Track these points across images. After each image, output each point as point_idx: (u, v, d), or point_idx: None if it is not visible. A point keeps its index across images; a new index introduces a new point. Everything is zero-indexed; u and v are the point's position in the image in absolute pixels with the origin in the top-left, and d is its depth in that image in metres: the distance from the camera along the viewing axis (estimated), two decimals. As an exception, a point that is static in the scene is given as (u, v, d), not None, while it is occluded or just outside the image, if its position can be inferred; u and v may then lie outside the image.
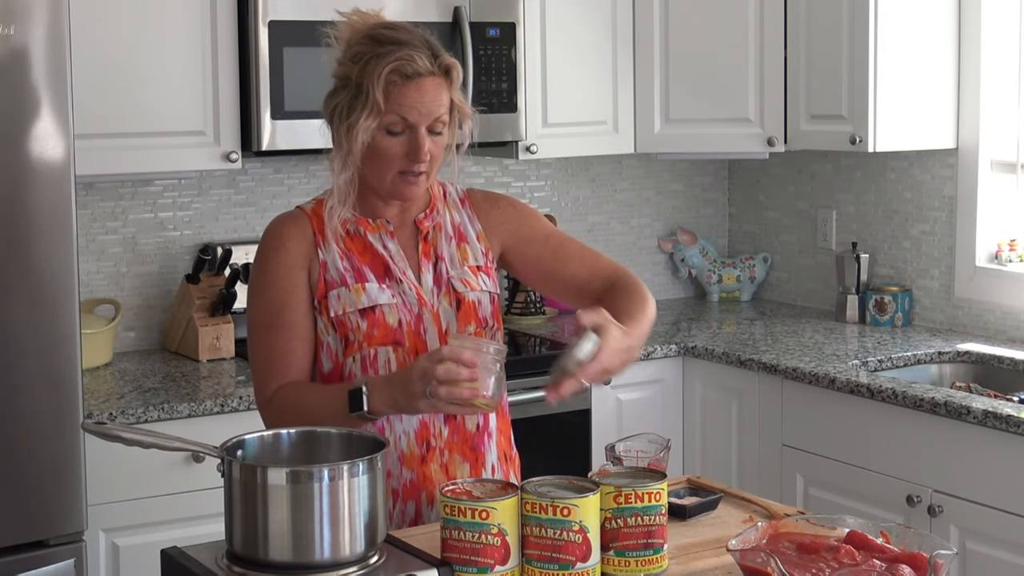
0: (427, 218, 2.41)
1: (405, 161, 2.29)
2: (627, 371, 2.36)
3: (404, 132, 2.28)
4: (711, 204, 4.90)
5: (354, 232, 2.36)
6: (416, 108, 2.27)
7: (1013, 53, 3.94)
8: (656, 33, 4.22)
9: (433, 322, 2.34)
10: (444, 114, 2.31)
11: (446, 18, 3.80)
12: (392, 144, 2.28)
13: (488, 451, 2.39)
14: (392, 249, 2.36)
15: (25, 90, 2.89)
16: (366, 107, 2.27)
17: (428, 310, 2.34)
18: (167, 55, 3.54)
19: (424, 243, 2.39)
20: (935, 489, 3.31)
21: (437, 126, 2.30)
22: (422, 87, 2.28)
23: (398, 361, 2.31)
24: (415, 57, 2.27)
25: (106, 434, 2.00)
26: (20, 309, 2.92)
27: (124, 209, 3.89)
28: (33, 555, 2.97)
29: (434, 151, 2.31)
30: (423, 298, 2.34)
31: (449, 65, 2.32)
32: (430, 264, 2.37)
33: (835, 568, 1.76)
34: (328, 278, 2.32)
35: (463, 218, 2.45)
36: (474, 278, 2.39)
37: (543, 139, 4.09)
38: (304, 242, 2.34)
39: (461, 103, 2.35)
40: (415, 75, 2.27)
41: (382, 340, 2.30)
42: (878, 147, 3.91)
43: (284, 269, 2.33)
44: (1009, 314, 3.93)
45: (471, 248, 2.42)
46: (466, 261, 2.40)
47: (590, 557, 1.90)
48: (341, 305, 2.30)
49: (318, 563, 1.88)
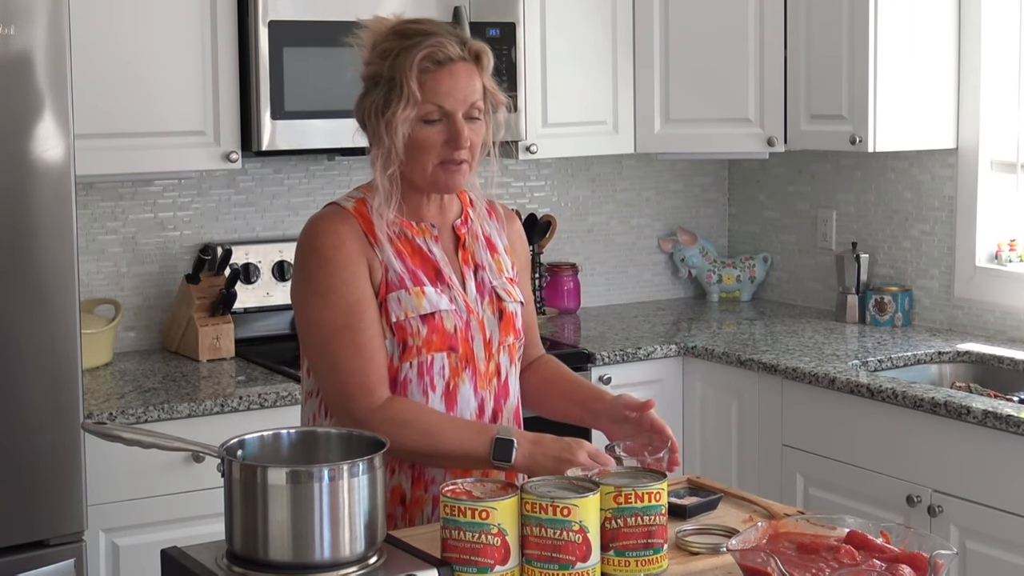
0: (463, 225, 2.40)
1: (445, 150, 2.27)
2: (627, 371, 2.38)
3: (441, 120, 2.27)
4: (711, 204, 4.90)
5: (401, 234, 2.33)
6: (451, 95, 2.26)
7: (1013, 53, 3.94)
8: (656, 33, 4.22)
9: (479, 330, 2.33)
10: (479, 100, 2.29)
11: (446, 18, 3.79)
12: (431, 134, 2.26)
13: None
14: (437, 254, 2.34)
15: (25, 90, 2.90)
16: (402, 98, 2.24)
17: (475, 318, 2.33)
18: (167, 55, 3.54)
19: (463, 250, 2.38)
20: (935, 489, 3.31)
21: (473, 112, 2.29)
22: (455, 73, 2.26)
23: (451, 367, 2.30)
24: (445, 44, 2.26)
25: (106, 434, 2.00)
26: (20, 309, 2.92)
27: (124, 209, 3.89)
28: (33, 555, 2.97)
29: (473, 138, 2.29)
30: (470, 305, 2.34)
31: (479, 50, 2.30)
32: (471, 271, 2.37)
33: (835, 568, 1.76)
34: (390, 280, 2.28)
35: (492, 230, 2.45)
36: (512, 289, 2.40)
37: (543, 139, 4.09)
38: (360, 241, 2.29)
39: (494, 89, 2.33)
40: (447, 61, 2.26)
41: (439, 346, 2.28)
42: (878, 147, 3.91)
43: (352, 267, 2.27)
44: (1009, 314, 3.93)
45: (503, 260, 2.43)
46: (503, 272, 2.40)
47: (590, 557, 1.90)
48: (403, 309, 2.26)
49: (318, 563, 1.87)
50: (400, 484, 2.31)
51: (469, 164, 2.30)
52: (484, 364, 2.34)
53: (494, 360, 2.36)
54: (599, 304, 4.68)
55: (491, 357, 2.35)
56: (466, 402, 2.32)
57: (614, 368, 3.89)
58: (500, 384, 2.37)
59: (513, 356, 2.40)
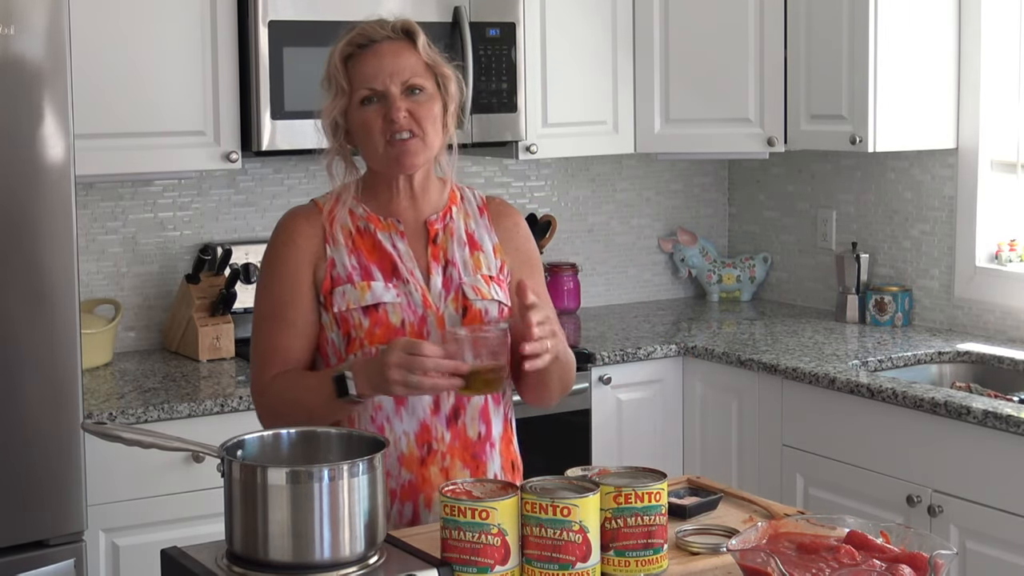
0: (439, 221, 2.40)
1: (385, 124, 2.29)
2: (627, 371, 2.36)
3: (377, 101, 2.29)
4: (711, 204, 4.90)
5: (364, 229, 2.36)
6: (378, 75, 2.28)
7: (1013, 53, 3.94)
8: (656, 33, 4.22)
9: (437, 325, 2.32)
10: (414, 76, 2.30)
11: (446, 18, 3.80)
12: (369, 114, 2.30)
13: (491, 460, 2.38)
14: (401, 249, 2.35)
15: (25, 90, 2.89)
16: (331, 90, 2.31)
17: (432, 313, 2.33)
18: (167, 55, 3.54)
19: (433, 246, 2.37)
20: (935, 489, 3.31)
21: (413, 87, 2.30)
22: (380, 52, 2.29)
23: None
24: (367, 28, 2.30)
25: (106, 434, 2.00)
26: (20, 309, 2.92)
27: (124, 209, 3.89)
28: (33, 555, 2.97)
29: (417, 111, 2.30)
30: (428, 300, 2.33)
31: (406, 26, 2.32)
32: (440, 267, 2.36)
33: (835, 568, 1.76)
34: (335, 274, 2.33)
35: (479, 227, 2.43)
36: (486, 287, 2.37)
37: (543, 139, 4.09)
38: (314, 238, 2.34)
39: (435, 62, 2.34)
40: (369, 43, 2.29)
41: (383, 339, 2.29)
42: (878, 147, 3.91)
43: (292, 265, 2.34)
44: (1009, 314, 3.93)
45: (485, 258, 2.40)
46: (480, 269, 2.38)
47: (590, 557, 1.90)
48: (345, 302, 2.30)
49: (318, 563, 1.88)
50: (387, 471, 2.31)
51: (421, 139, 2.31)
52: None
53: None
54: (599, 304, 4.68)
55: None
56: (417, 397, 2.30)
57: (614, 368, 3.89)
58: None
59: None
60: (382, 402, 2.30)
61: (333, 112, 2.32)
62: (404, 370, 2.13)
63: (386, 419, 2.31)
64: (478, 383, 2.18)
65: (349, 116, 2.33)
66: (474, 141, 3.89)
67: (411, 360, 2.12)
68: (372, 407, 2.31)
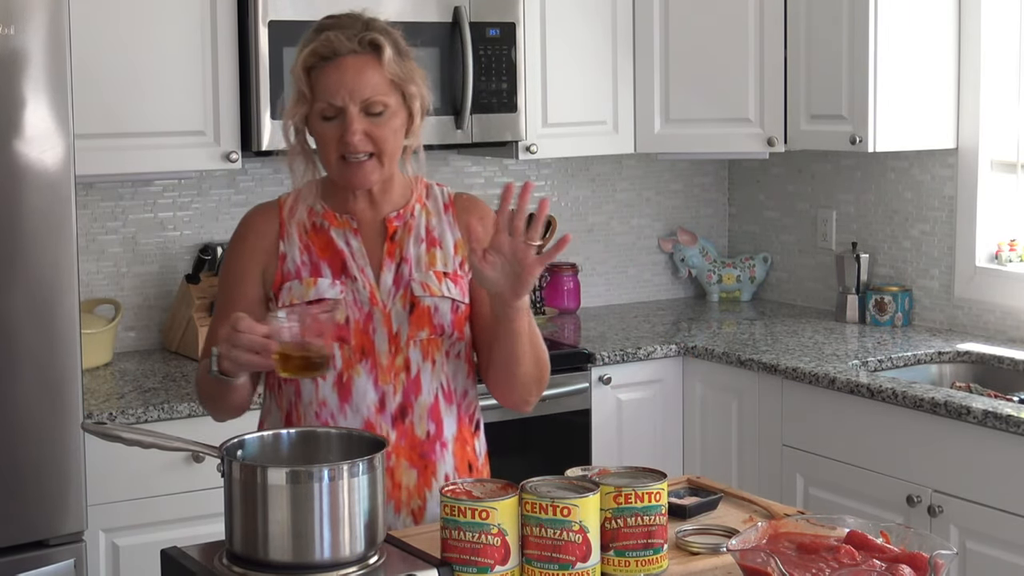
0: (398, 218, 2.36)
1: (340, 145, 2.25)
2: (627, 371, 2.33)
3: (337, 116, 2.25)
4: (711, 204, 4.90)
5: (319, 226, 2.35)
6: (339, 91, 2.23)
7: (1013, 53, 3.94)
8: (656, 33, 4.22)
9: (383, 323, 2.30)
10: (377, 94, 2.24)
11: (446, 18, 3.80)
12: (327, 129, 2.26)
13: (441, 460, 2.33)
14: (354, 246, 2.33)
15: (25, 90, 2.89)
16: (294, 95, 2.28)
17: (379, 310, 2.31)
18: (167, 55, 3.54)
19: (390, 243, 2.35)
20: (935, 489, 3.31)
21: (374, 106, 2.24)
22: (342, 67, 2.24)
23: (343, 358, 2.29)
24: (332, 38, 2.23)
25: (106, 434, 2.00)
26: (20, 309, 2.92)
27: (124, 209, 3.89)
28: (33, 555, 2.97)
29: (375, 132, 2.25)
30: (376, 297, 2.31)
31: (374, 41, 2.25)
32: (393, 264, 2.33)
33: (835, 568, 1.76)
34: (285, 270, 2.33)
35: (441, 224, 2.39)
36: (436, 283, 2.33)
37: (543, 139, 4.09)
38: (267, 236, 2.35)
39: (401, 79, 2.27)
40: (333, 55, 2.24)
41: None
42: (878, 147, 3.91)
43: (239, 262, 2.37)
44: (1009, 314, 3.93)
45: (442, 254, 2.36)
46: (433, 266, 2.34)
47: (590, 557, 1.90)
48: (290, 297, 2.30)
49: (318, 563, 1.88)
50: None
51: (378, 158, 2.27)
52: (387, 357, 2.30)
53: (402, 354, 2.31)
54: (599, 304, 4.68)
55: (398, 351, 2.30)
56: (362, 395, 2.29)
57: (614, 368, 3.89)
58: (409, 379, 2.31)
59: (430, 352, 2.32)
60: (326, 399, 2.30)
61: (295, 117, 2.29)
62: (228, 344, 2.12)
63: (330, 416, 2.30)
64: (291, 364, 2.13)
65: (309, 123, 2.29)
66: (474, 141, 3.89)
67: (231, 334, 2.11)
68: (316, 404, 2.30)
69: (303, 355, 2.13)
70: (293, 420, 2.33)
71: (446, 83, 3.81)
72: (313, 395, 2.30)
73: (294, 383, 2.32)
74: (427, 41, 3.77)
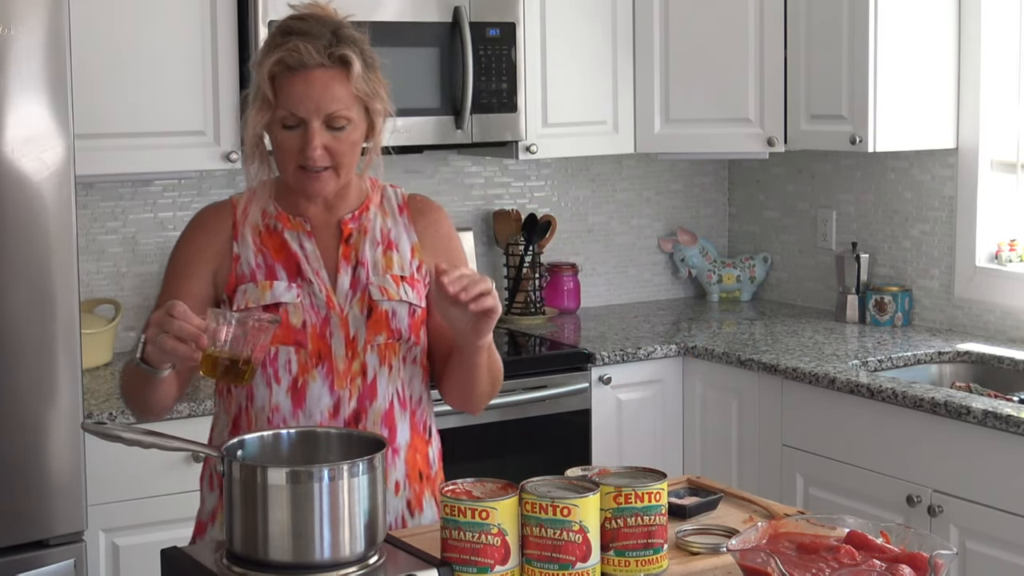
0: (353, 220, 2.33)
1: (300, 156, 2.22)
2: (627, 371, 2.32)
3: (299, 127, 2.21)
4: (711, 204, 4.90)
5: (273, 228, 2.31)
6: (303, 102, 2.19)
7: (1013, 53, 3.94)
8: (656, 33, 4.22)
9: (340, 326, 2.27)
10: (342, 108, 2.21)
11: (446, 18, 3.80)
12: (288, 138, 2.22)
13: (392, 467, 2.29)
14: (308, 249, 2.30)
15: (25, 90, 2.89)
16: (256, 100, 2.23)
17: (336, 314, 2.27)
18: (167, 55, 3.54)
19: (345, 245, 2.31)
20: (935, 489, 3.31)
21: (337, 121, 2.21)
22: (309, 79, 2.19)
23: (299, 362, 2.25)
24: (302, 48, 2.19)
25: (106, 434, 2.00)
26: (20, 309, 2.92)
27: (124, 209, 3.89)
28: (33, 555, 2.97)
29: (335, 147, 2.22)
30: (332, 301, 2.27)
31: (344, 56, 2.21)
32: (349, 267, 2.30)
33: (835, 568, 1.76)
34: (239, 272, 2.29)
35: (397, 226, 2.36)
36: (394, 287, 2.30)
37: (543, 139, 4.09)
38: (219, 235, 2.31)
39: (367, 95, 2.24)
40: (300, 67, 2.19)
41: (283, 339, 2.23)
42: (878, 147, 3.91)
43: (190, 258, 2.31)
44: (1009, 314, 3.93)
45: (399, 257, 2.34)
46: (390, 269, 2.31)
47: (590, 557, 1.90)
48: (245, 300, 2.25)
49: (318, 563, 1.87)
50: None
51: (334, 171, 2.24)
52: (344, 362, 2.26)
53: (359, 359, 2.27)
54: (599, 304, 4.68)
55: (354, 356, 2.27)
56: (316, 400, 2.25)
57: (614, 368, 3.89)
58: (365, 384, 2.28)
59: (386, 357, 2.30)
60: (279, 404, 2.25)
61: (257, 125, 2.24)
62: (157, 327, 2.03)
63: (282, 421, 2.25)
64: (216, 367, 2.05)
65: (269, 130, 2.25)
66: (474, 141, 3.89)
67: (162, 318, 2.02)
68: (269, 409, 2.26)
69: (232, 360, 2.06)
70: (242, 426, 2.28)
71: (446, 83, 3.81)
72: (266, 400, 2.26)
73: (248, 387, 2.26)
74: (427, 41, 3.78)
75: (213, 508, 2.33)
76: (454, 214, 4.41)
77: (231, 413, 2.32)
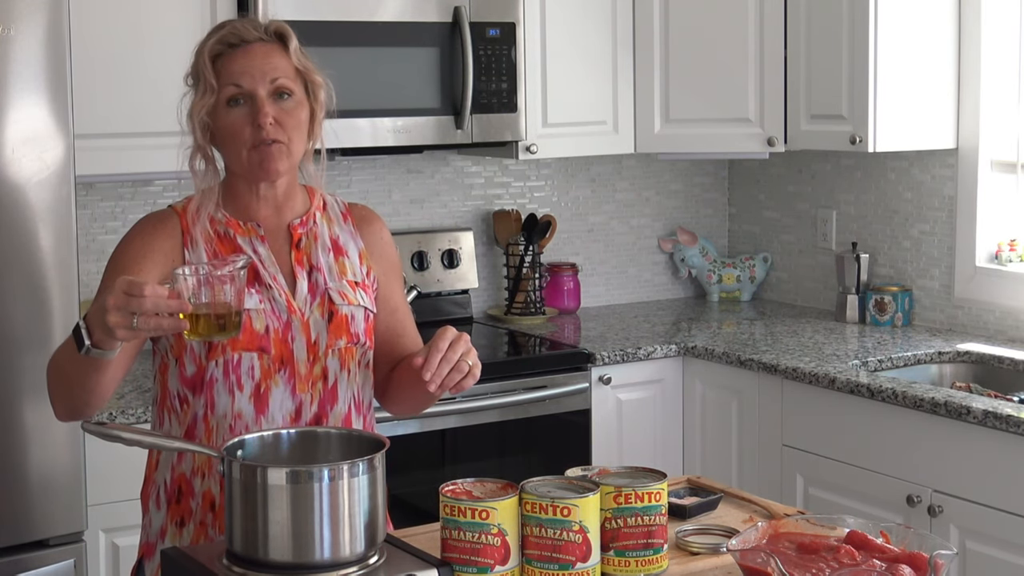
0: (302, 225, 2.32)
1: (252, 131, 2.21)
2: (627, 371, 2.31)
3: (244, 103, 2.22)
4: (711, 204, 4.90)
5: (224, 234, 2.28)
6: (247, 72, 2.21)
7: (1013, 53, 3.94)
8: (656, 33, 4.22)
9: (302, 331, 2.25)
10: (284, 78, 2.23)
11: (446, 18, 3.80)
12: (235, 116, 2.23)
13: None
14: (262, 253, 2.27)
15: (25, 90, 2.90)
16: (199, 86, 2.25)
17: (298, 318, 2.25)
18: (167, 55, 3.53)
19: (296, 251, 2.30)
20: (935, 489, 3.31)
21: (282, 90, 2.23)
22: (250, 52, 2.23)
23: (262, 368, 2.22)
24: (238, 27, 2.25)
25: (106, 434, 2.00)
26: (20, 309, 2.92)
27: (124, 209, 3.89)
28: (33, 555, 2.97)
29: (284, 118, 2.22)
30: (293, 306, 2.25)
31: (279, 29, 2.27)
32: (304, 272, 2.29)
33: (835, 568, 1.76)
34: None
35: (343, 233, 2.36)
36: (352, 292, 2.30)
37: (543, 139, 4.09)
38: (168, 239, 2.27)
39: (306, 68, 2.27)
40: (240, 43, 2.24)
41: (246, 345, 2.20)
42: (878, 147, 3.91)
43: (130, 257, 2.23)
44: (1009, 314, 3.93)
45: (350, 263, 2.34)
46: (344, 275, 2.31)
47: (590, 557, 1.90)
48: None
49: (318, 563, 1.87)
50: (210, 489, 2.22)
51: (286, 146, 2.23)
52: (306, 366, 2.24)
53: (320, 363, 2.25)
54: (599, 304, 4.68)
55: (316, 360, 2.25)
56: (278, 404, 2.23)
57: (614, 368, 3.89)
58: (326, 389, 2.27)
59: (346, 361, 2.28)
60: (242, 410, 2.22)
61: (201, 111, 2.26)
62: (123, 312, 1.93)
63: (244, 428, 2.21)
64: (204, 326, 1.99)
65: (215, 116, 2.25)
66: (474, 141, 3.89)
67: (129, 301, 1.92)
68: (231, 416, 2.21)
69: (216, 313, 1.99)
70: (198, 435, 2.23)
71: (446, 83, 3.81)
72: (228, 407, 2.22)
73: (205, 395, 2.22)
74: (427, 41, 3.78)
75: (162, 526, 2.28)
76: (454, 214, 4.42)
77: (184, 423, 2.25)
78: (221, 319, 2.01)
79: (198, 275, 1.99)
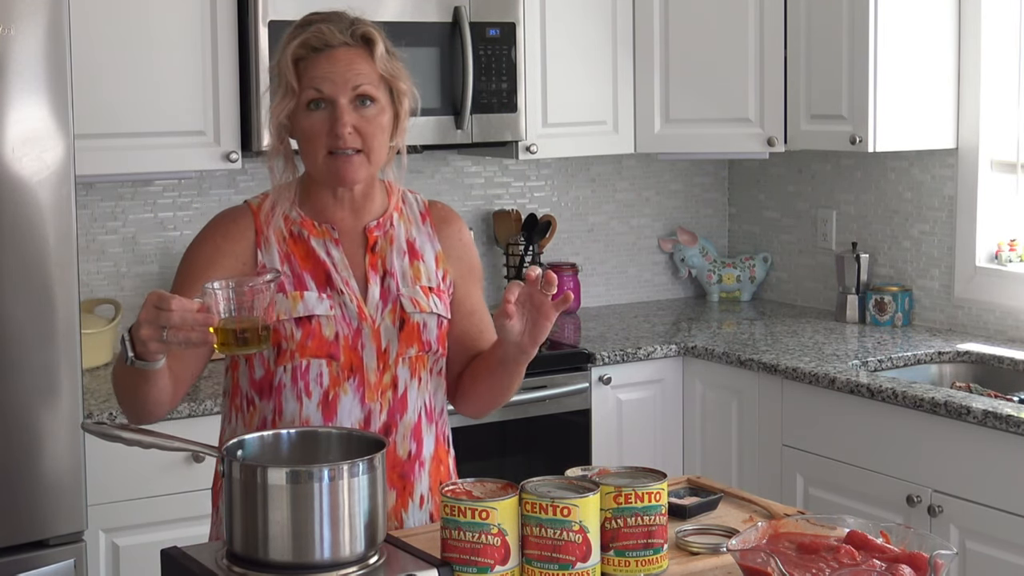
0: (378, 227, 2.29)
1: (329, 138, 2.18)
2: (627, 371, 2.32)
3: (325, 107, 2.18)
4: (711, 204, 4.90)
5: (297, 235, 2.26)
6: (329, 78, 2.17)
7: (1013, 53, 3.94)
8: (656, 33, 4.22)
9: (372, 338, 2.22)
10: (367, 85, 2.19)
11: (446, 18, 3.80)
12: (314, 121, 2.19)
13: (419, 480, 2.27)
14: (336, 257, 2.25)
15: (25, 90, 2.89)
16: (280, 88, 2.21)
17: (368, 325, 2.23)
18: (167, 55, 3.54)
19: (371, 254, 2.27)
20: (935, 489, 3.31)
21: (364, 98, 2.19)
22: (333, 57, 2.18)
23: (331, 375, 2.21)
24: (324, 30, 2.19)
25: (106, 434, 2.00)
26: (20, 309, 2.92)
27: (124, 209, 3.89)
28: (33, 555, 2.97)
29: (364, 127, 2.19)
30: (364, 312, 2.23)
31: (366, 34, 2.21)
32: (377, 277, 2.26)
33: (835, 568, 1.76)
34: None
35: (421, 235, 2.33)
36: (425, 299, 2.26)
37: (543, 139, 4.09)
38: (241, 240, 2.24)
39: (392, 76, 2.23)
40: (324, 47, 2.18)
41: (315, 352, 2.19)
42: (878, 147, 3.91)
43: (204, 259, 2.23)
44: (1009, 314, 3.93)
45: (425, 268, 2.30)
46: (419, 280, 2.28)
47: (590, 557, 1.90)
48: (276, 311, 2.14)
49: (318, 563, 1.87)
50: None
51: (366, 155, 2.20)
52: (376, 375, 2.23)
53: (390, 372, 2.24)
54: (599, 304, 4.68)
55: (386, 368, 2.23)
56: (347, 412, 2.21)
57: (614, 368, 3.89)
58: (396, 397, 2.25)
59: (416, 369, 2.27)
60: (310, 417, 2.21)
61: (280, 114, 2.21)
62: (153, 326, 1.95)
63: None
64: (231, 340, 2.00)
65: (294, 119, 2.21)
66: (474, 141, 3.89)
67: (159, 315, 1.94)
68: (299, 423, 2.21)
69: (241, 328, 1.99)
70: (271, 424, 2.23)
71: (446, 83, 3.81)
72: (296, 413, 2.21)
73: (274, 399, 2.22)
74: (427, 41, 3.78)
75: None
76: (454, 214, 4.42)
77: (251, 425, 2.25)
78: (245, 333, 2.01)
79: (225, 289, 1.99)
